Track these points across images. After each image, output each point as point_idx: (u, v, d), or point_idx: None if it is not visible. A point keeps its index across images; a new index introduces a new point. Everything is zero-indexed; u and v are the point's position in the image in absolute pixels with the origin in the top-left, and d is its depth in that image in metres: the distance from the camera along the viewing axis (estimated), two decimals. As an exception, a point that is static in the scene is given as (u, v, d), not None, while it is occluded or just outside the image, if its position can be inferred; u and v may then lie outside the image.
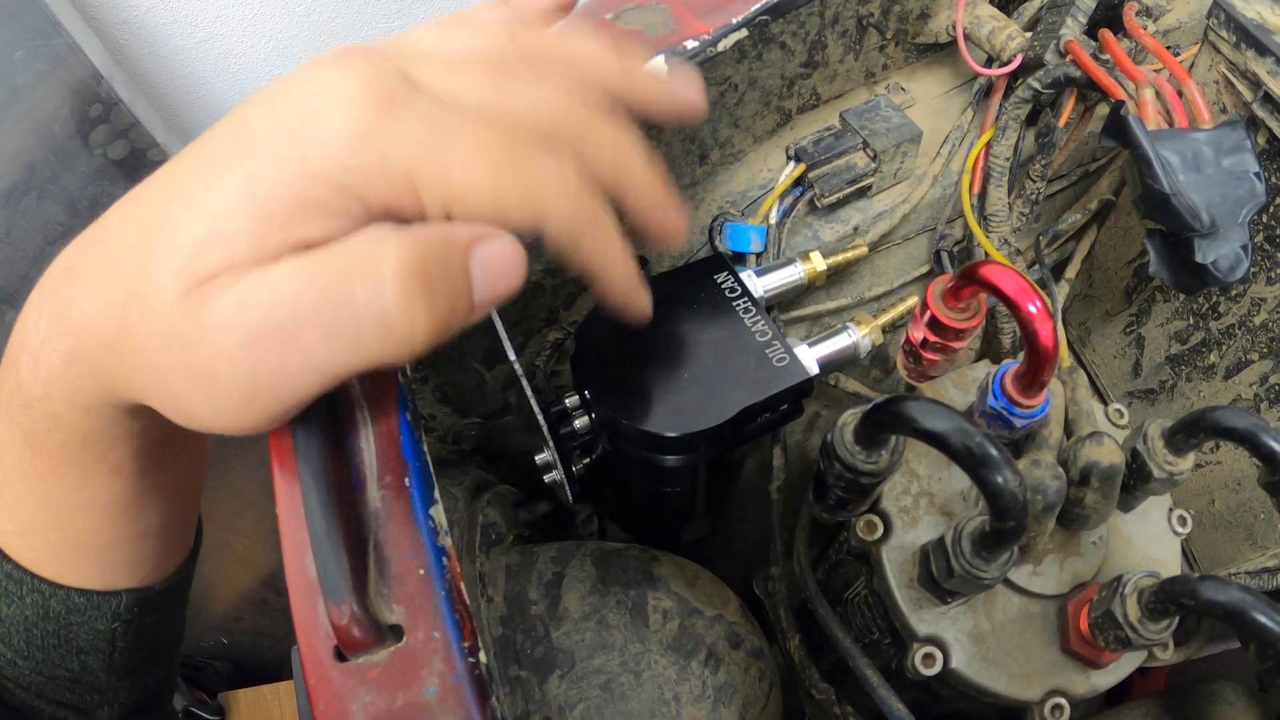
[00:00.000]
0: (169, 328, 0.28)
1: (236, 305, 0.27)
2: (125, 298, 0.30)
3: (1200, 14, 0.72)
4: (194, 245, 0.28)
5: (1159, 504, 0.59)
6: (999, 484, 0.41)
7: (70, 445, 0.35)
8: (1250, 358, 0.64)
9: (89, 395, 0.33)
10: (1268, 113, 0.57)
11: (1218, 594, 0.44)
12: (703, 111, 0.38)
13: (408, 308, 0.28)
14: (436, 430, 0.67)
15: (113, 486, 0.38)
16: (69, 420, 0.34)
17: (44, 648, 0.41)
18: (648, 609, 0.60)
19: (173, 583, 0.44)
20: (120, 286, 0.30)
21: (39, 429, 0.35)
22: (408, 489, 0.34)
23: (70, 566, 0.39)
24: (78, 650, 0.41)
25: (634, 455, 0.57)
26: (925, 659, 0.53)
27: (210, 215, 0.28)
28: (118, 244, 0.31)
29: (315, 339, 0.27)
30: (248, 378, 0.28)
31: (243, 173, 0.28)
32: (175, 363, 0.29)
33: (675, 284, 0.61)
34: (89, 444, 0.35)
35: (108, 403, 0.34)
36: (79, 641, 0.41)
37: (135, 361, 0.30)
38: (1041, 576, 0.55)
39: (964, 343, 0.53)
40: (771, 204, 0.69)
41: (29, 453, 0.36)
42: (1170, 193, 0.52)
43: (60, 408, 0.34)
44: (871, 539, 0.55)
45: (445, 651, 0.31)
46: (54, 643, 0.41)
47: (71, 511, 0.38)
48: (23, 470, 0.36)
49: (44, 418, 0.34)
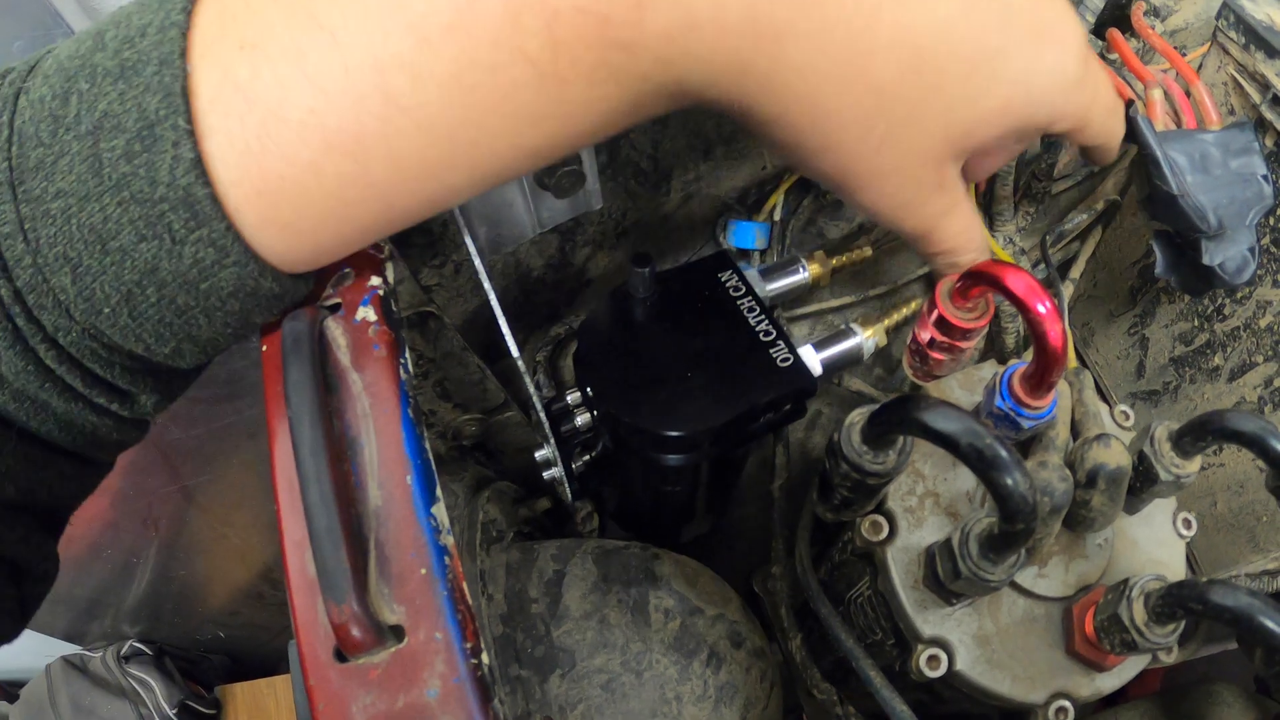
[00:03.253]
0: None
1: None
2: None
3: (1209, 15, 0.71)
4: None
5: (1164, 507, 0.59)
6: (1009, 486, 0.41)
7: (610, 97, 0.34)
8: (1255, 360, 0.64)
9: (690, 71, 0.34)
10: (1276, 115, 0.57)
11: (1226, 598, 0.43)
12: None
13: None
14: (436, 426, 0.67)
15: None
16: (637, 78, 0.34)
17: (176, 318, 0.34)
18: (649, 608, 0.60)
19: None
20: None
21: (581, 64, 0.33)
22: (409, 487, 0.33)
23: (307, 249, 0.34)
24: (206, 337, 0.35)
25: (635, 453, 0.56)
26: (930, 661, 0.53)
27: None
28: None
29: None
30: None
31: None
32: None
33: (680, 281, 0.60)
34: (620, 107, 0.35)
35: (689, 86, 0.35)
36: (224, 322, 0.35)
37: (790, 58, 0.34)
38: (1047, 579, 0.54)
39: (971, 342, 0.52)
40: (776, 201, 0.69)
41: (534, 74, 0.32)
42: (1178, 194, 0.51)
43: (650, 68, 0.33)
44: (876, 539, 0.55)
45: (447, 652, 0.31)
46: (195, 318, 0.34)
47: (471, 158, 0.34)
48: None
49: (612, 65, 0.33)
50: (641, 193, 0.66)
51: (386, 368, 0.36)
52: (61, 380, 0.35)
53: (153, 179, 0.31)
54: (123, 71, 0.31)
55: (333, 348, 0.36)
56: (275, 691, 1.59)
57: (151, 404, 0.39)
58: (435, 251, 0.59)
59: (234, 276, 0.33)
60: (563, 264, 0.69)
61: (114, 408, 0.37)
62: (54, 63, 0.33)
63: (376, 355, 0.36)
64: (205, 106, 0.31)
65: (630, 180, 0.65)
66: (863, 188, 0.41)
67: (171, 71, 0.31)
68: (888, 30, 0.35)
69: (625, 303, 0.59)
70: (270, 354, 0.36)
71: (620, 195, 0.65)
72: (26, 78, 0.33)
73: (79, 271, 0.32)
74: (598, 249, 0.70)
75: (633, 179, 0.65)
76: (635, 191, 0.66)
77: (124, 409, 0.38)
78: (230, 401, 1.19)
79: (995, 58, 0.39)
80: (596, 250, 0.70)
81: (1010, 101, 0.40)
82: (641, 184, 0.65)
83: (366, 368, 0.36)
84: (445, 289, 0.62)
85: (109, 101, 0.31)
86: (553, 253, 0.67)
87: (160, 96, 0.31)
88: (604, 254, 0.70)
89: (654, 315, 0.58)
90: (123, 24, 0.32)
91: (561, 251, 0.68)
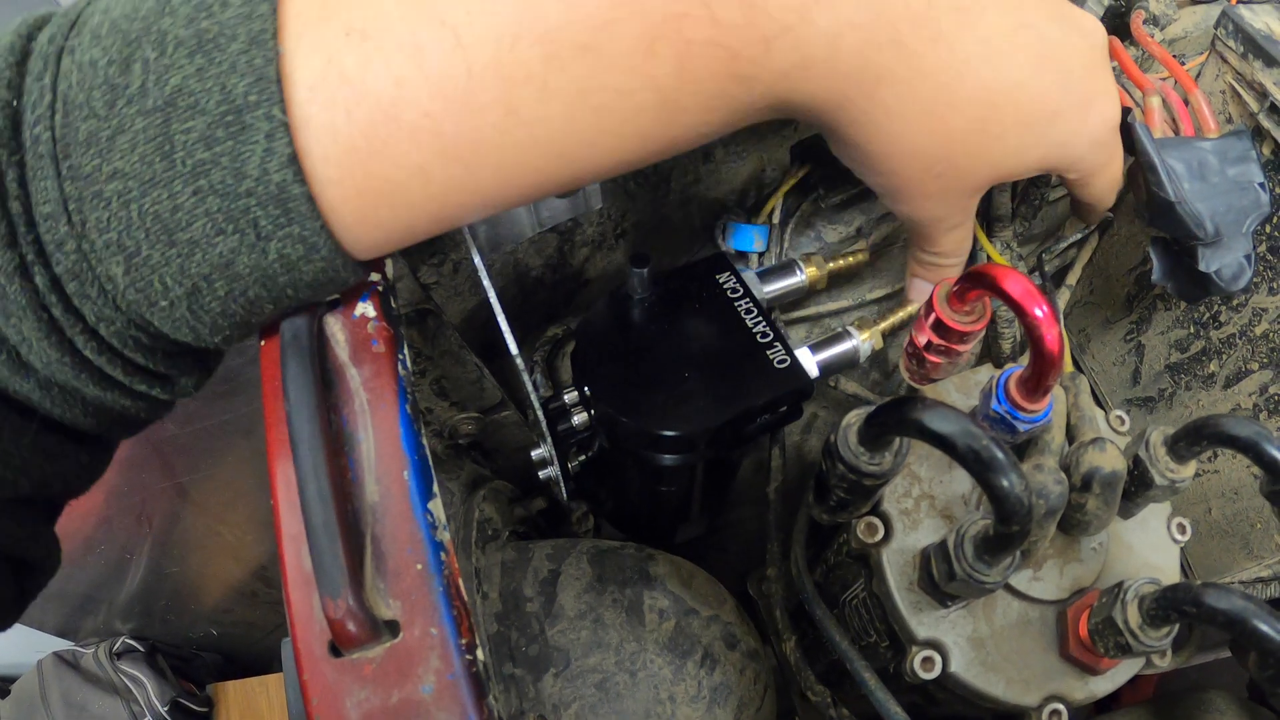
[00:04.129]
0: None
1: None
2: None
3: (1207, 24, 0.71)
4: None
5: (1159, 511, 0.59)
6: (1005, 488, 0.41)
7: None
8: (1250, 367, 0.64)
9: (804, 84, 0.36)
10: (1274, 123, 0.57)
11: (1220, 601, 0.43)
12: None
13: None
14: (433, 425, 0.67)
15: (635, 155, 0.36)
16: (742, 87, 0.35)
17: (243, 309, 0.33)
18: (644, 608, 0.60)
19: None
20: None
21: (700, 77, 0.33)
22: (406, 482, 0.33)
23: (383, 234, 0.33)
24: (261, 321, 0.34)
25: (632, 453, 0.56)
26: (924, 662, 0.53)
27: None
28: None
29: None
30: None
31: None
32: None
33: (678, 282, 0.61)
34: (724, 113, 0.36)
35: (785, 110, 0.37)
36: (287, 307, 0.34)
37: (883, 99, 0.37)
38: (1041, 582, 0.54)
39: (968, 346, 0.53)
40: (775, 203, 0.69)
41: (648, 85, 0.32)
42: (1175, 200, 0.51)
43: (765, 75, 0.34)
44: (872, 541, 0.55)
45: (442, 648, 0.31)
46: (262, 308, 0.33)
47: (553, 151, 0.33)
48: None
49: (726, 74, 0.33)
50: (641, 194, 0.66)
51: (385, 364, 0.36)
52: (100, 370, 0.33)
53: (239, 171, 0.28)
54: (200, 44, 0.28)
55: (331, 343, 0.36)
56: (267, 690, 1.59)
57: (192, 384, 0.37)
58: (434, 249, 0.59)
59: (316, 270, 0.32)
60: (561, 264, 0.69)
61: (154, 392, 0.35)
62: (105, 20, 0.30)
63: (375, 351, 0.36)
64: (304, 96, 0.29)
65: (630, 181, 0.65)
66: (906, 201, 0.46)
67: (264, 53, 0.28)
68: (970, 88, 0.38)
69: (623, 303, 0.59)
70: (268, 349, 0.36)
71: (620, 196, 0.65)
72: (70, 34, 0.30)
73: (135, 261, 0.30)
74: (596, 249, 0.70)
75: (632, 180, 0.65)
76: (635, 193, 0.66)
77: (164, 393, 0.36)
78: (226, 399, 1.19)
79: (1051, 120, 0.43)
80: (595, 251, 0.70)
81: (1049, 156, 0.45)
82: (641, 185, 0.66)
83: (365, 363, 0.36)
84: (444, 287, 0.62)
85: (183, 76, 0.28)
86: (551, 253, 0.67)
87: (251, 79, 0.28)
88: (602, 254, 0.71)
89: (652, 316, 0.59)
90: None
91: (560, 251, 0.68)
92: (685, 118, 0.33)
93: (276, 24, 0.29)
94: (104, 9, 0.30)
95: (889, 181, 0.44)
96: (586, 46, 0.30)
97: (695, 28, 0.31)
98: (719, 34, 0.31)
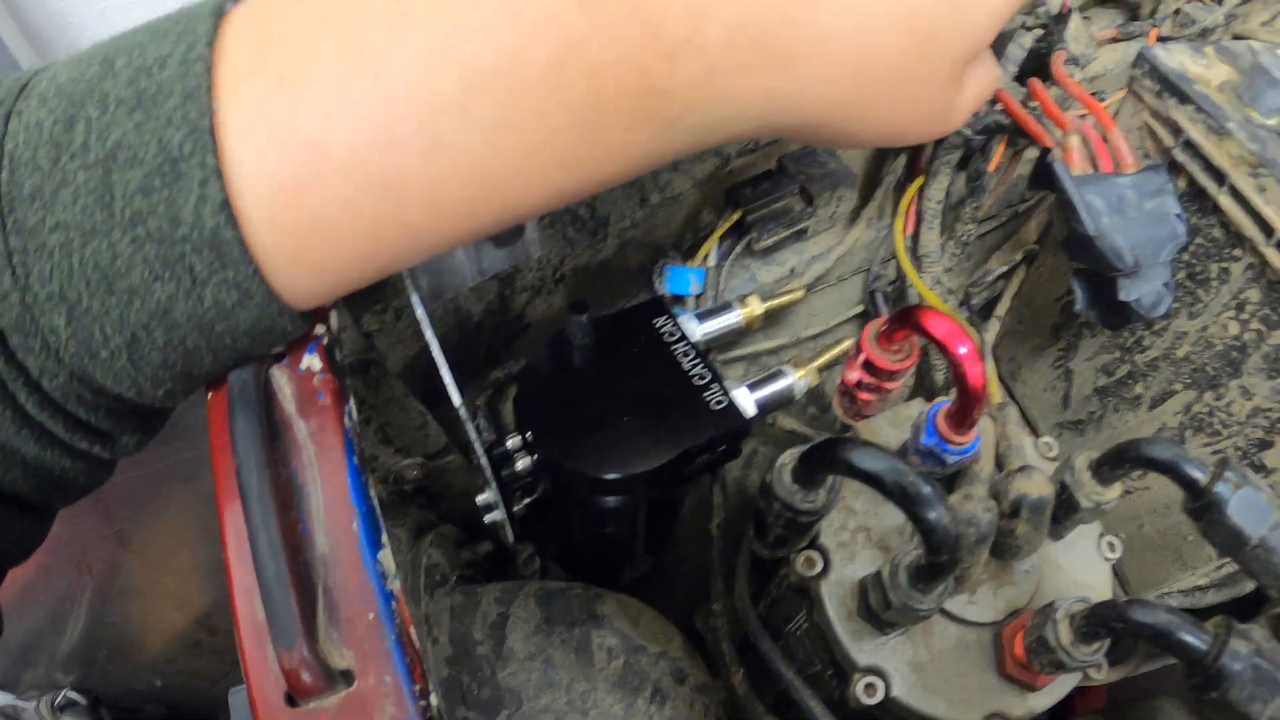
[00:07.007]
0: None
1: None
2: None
3: (1125, 62, 0.74)
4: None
5: (1089, 531, 0.61)
6: (932, 520, 0.42)
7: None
8: (1174, 388, 0.67)
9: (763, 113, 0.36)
10: (1188, 157, 0.60)
11: (1145, 616, 0.45)
12: None
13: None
14: (378, 471, 0.67)
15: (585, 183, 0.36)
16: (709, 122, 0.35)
17: (181, 359, 0.33)
18: (593, 647, 0.60)
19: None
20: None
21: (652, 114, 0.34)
22: (356, 533, 0.34)
23: (320, 284, 0.34)
24: (203, 375, 0.35)
25: (575, 496, 0.57)
26: (867, 689, 0.54)
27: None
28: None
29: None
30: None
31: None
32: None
33: (617, 328, 0.62)
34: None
35: (720, 124, 0.36)
36: (227, 360, 0.34)
37: (805, 74, 0.35)
38: (977, 605, 0.56)
39: (898, 383, 0.54)
40: (710, 247, 0.70)
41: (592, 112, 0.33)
42: (1095, 235, 0.53)
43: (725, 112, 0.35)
44: (811, 574, 0.56)
45: (396, 695, 0.31)
46: (200, 358, 0.33)
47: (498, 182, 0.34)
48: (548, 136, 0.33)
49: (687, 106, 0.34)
50: (579, 240, 0.67)
51: (331, 416, 0.36)
52: (40, 426, 0.33)
53: (174, 217, 0.29)
54: (140, 101, 0.29)
55: (278, 396, 0.36)
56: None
57: (133, 443, 0.37)
58: (377, 297, 0.60)
59: (253, 317, 0.32)
60: (502, 309, 0.70)
61: (94, 450, 0.36)
62: (51, 86, 0.31)
63: (321, 404, 0.36)
64: (237, 144, 0.29)
65: (568, 228, 0.66)
66: (909, 135, 0.42)
67: (198, 106, 0.29)
68: (883, 13, 0.35)
69: (564, 349, 0.60)
70: (216, 402, 0.36)
71: (559, 242, 0.67)
72: (18, 99, 0.31)
73: (76, 312, 0.30)
74: (536, 295, 0.71)
75: (570, 226, 0.66)
76: (573, 239, 0.67)
77: (104, 451, 0.36)
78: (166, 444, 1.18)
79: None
80: (535, 296, 0.71)
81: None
82: (579, 231, 0.67)
83: (311, 416, 0.36)
84: (386, 335, 0.63)
85: (123, 131, 0.29)
86: (492, 299, 0.68)
87: (185, 131, 0.29)
88: (542, 299, 0.71)
89: (592, 361, 0.60)
90: (135, 52, 0.30)
91: (501, 297, 0.69)
92: (608, 137, 0.34)
93: (211, 80, 0.29)
94: (51, 76, 0.31)
95: (875, 131, 0.41)
96: (500, 72, 0.31)
97: (602, 49, 0.31)
98: (626, 52, 0.32)
